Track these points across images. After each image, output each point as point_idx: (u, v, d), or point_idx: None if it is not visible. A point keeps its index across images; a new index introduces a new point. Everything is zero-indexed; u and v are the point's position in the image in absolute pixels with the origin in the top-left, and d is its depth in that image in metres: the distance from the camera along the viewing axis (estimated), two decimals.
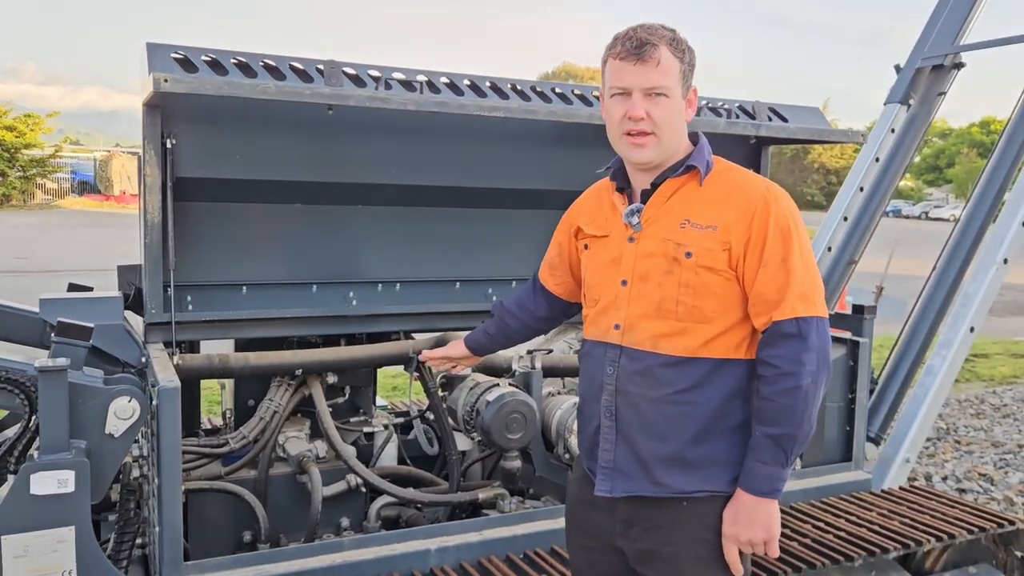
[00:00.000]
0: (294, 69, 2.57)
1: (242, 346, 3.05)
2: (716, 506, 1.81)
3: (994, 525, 3.01)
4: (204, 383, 3.19)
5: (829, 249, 4.73)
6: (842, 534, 2.88)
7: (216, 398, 4.60)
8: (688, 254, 1.79)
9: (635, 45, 1.78)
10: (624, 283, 1.87)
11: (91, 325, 2.22)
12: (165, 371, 2.34)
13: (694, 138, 1.90)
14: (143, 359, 2.60)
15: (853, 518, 3.03)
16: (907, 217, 47.05)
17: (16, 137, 31.13)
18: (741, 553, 1.82)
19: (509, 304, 2.31)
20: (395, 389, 6.75)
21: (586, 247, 2.01)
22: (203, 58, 2.47)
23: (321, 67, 2.57)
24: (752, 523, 1.77)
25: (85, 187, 36.79)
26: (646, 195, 1.88)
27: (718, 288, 1.79)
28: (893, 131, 4.77)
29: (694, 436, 1.80)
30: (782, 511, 3.11)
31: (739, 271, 1.79)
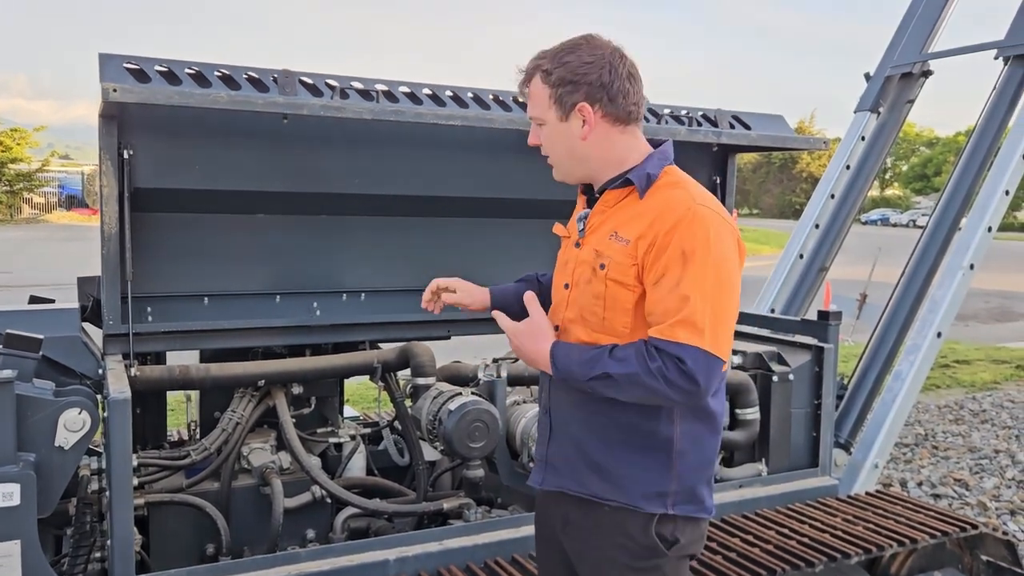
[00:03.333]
0: (250, 79, 2.56)
1: (208, 357, 3.04)
2: (634, 518, 1.80)
3: (957, 529, 3.01)
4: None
5: (801, 256, 4.75)
6: (805, 540, 2.87)
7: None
8: (602, 266, 1.80)
9: (521, 80, 1.89)
10: (566, 286, 1.91)
11: (40, 336, 2.20)
12: (118, 383, 2.33)
13: (657, 145, 1.88)
14: (100, 371, 2.58)
15: (817, 523, 3.03)
16: (895, 225, 47.47)
17: (2, 152, 31.01)
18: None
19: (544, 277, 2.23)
20: (376, 401, 6.70)
21: (560, 246, 2.06)
22: (157, 68, 2.47)
23: (276, 76, 2.57)
24: (525, 344, 1.85)
25: (73, 201, 36.63)
26: (593, 204, 1.91)
27: (628, 303, 1.77)
28: (863, 139, 4.82)
29: (610, 446, 1.82)
30: (746, 517, 3.12)
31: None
